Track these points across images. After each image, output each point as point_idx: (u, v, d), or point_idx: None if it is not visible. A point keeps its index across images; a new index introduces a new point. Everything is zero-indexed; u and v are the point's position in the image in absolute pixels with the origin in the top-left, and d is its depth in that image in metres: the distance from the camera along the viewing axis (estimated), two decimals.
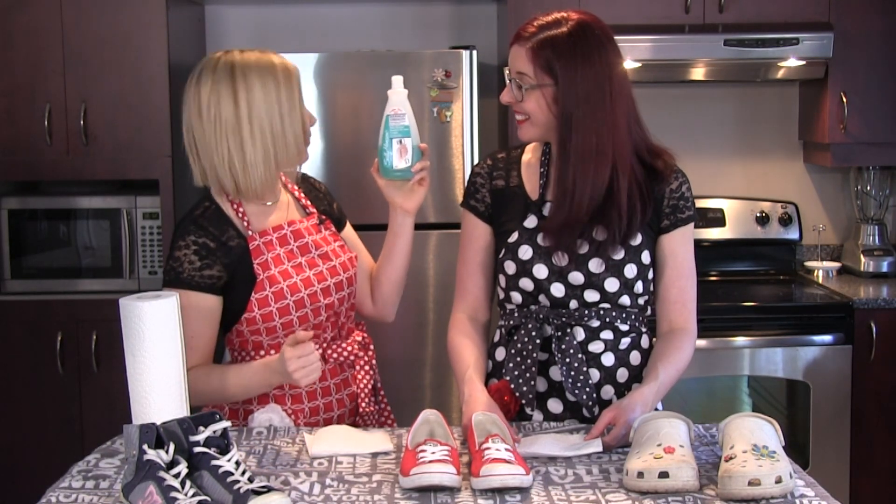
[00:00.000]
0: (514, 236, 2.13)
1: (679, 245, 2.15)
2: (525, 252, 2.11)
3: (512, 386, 2.11)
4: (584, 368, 2.09)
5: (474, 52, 3.61)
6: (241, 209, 2.16)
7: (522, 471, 1.71)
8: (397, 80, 2.13)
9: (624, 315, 2.13)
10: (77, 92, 3.59)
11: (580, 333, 2.12)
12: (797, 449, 3.57)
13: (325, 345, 2.21)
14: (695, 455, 1.79)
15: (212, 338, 2.14)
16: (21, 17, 3.57)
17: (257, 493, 1.56)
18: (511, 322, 2.18)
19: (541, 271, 2.10)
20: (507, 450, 1.75)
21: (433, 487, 1.70)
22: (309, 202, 2.28)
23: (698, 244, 4.05)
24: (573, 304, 2.11)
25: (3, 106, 3.60)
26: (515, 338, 2.14)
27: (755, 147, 4.20)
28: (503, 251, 2.14)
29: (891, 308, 3.54)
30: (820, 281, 3.91)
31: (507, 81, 2.11)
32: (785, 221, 4.05)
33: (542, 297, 2.12)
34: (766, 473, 1.63)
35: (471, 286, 2.22)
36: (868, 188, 4.05)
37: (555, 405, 2.14)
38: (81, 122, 3.59)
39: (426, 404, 3.07)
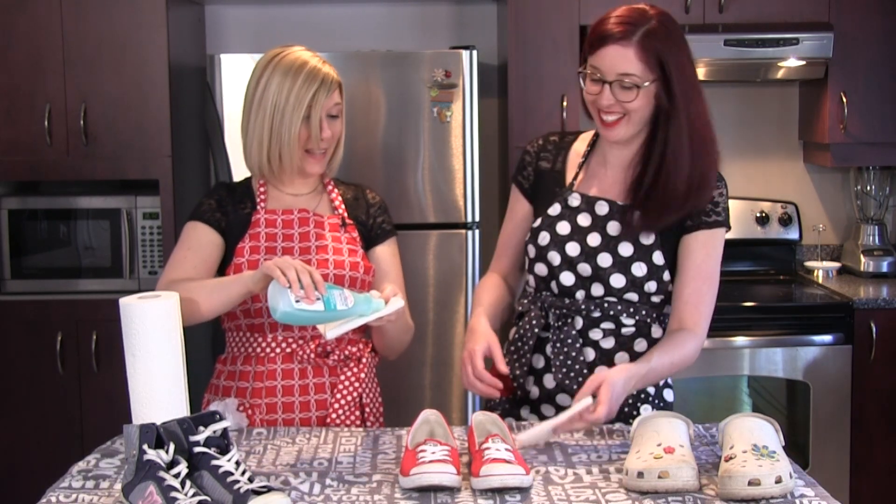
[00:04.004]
0: (538, 221, 2.19)
1: (700, 247, 2.12)
2: (543, 238, 2.17)
3: (507, 368, 2.15)
4: (578, 347, 2.13)
5: (474, 52, 3.61)
6: (263, 188, 2.29)
7: (522, 471, 1.71)
8: (397, 302, 2.03)
9: (632, 310, 2.14)
10: (77, 92, 3.59)
11: (579, 322, 2.15)
12: (797, 449, 3.57)
13: (300, 342, 2.21)
14: (695, 455, 1.79)
15: (210, 268, 2.22)
16: (21, 17, 3.57)
17: (257, 493, 1.56)
18: (520, 308, 2.25)
19: (554, 258, 2.15)
20: (507, 450, 1.75)
21: (433, 487, 1.70)
22: (343, 206, 2.31)
23: None
24: (580, 294, 2.15)
25: (3, 106, 3.60)
26: (520, 323, 2.21)
27: (755, 147, 4.19)
28: (529, 235, 2.21)
29: (891, 308, 3.54)
30: (820, 281, 3.91)
31: (602, 83, 2.04)
32: (785, 221, 4.05)
33: (553, 284, 2.17)
34: (766, 473, 1.63)
35: (504, 255, 2.33)
36: (868, 188, 4.05)
37: (550, 381, 2.18)
38: (81, 122, 3.59)
39: (426, 404, 3.07)
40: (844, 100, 3.75)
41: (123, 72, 3.59)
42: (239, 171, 3.49)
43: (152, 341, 1.79)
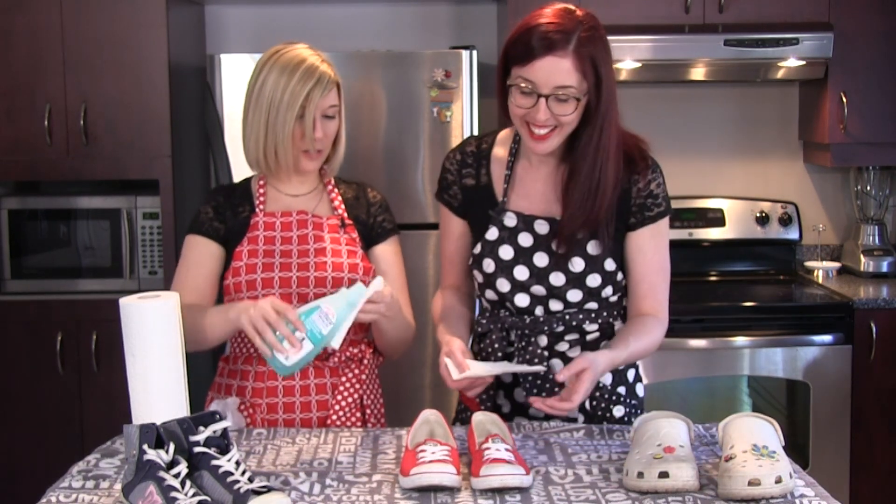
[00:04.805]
0: (479, 248, 2.12)
1: (647, 241, 2.09)
2: (488, 265, 2.10)
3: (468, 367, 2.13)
4: (541, 375, 2.09)
5: (474, 52, 3.61)
6: (262, 189, 2.28)
7: (522, 471, 1.71)
8: (358, 290, 1.97)
9: (593, 315, 2.12)
10: (77, 92, 3.59)
11: (543, 340, 2.11)
12: (797, 449, 3.57)
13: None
14: (695, 455, 1.80)
15: (210, 284, 2.23)
16: (21, 17, 3.57)
17: (257, 493, 1.56)
18: (479, 329, 2.18)
19: (504, 285, 2.09)
20: (507, 450, 1.75)
21: (433, 487, 1.70)
22: (344, 206, 2.30)
23: (698, 244, 4.09)
24: (539, 310, 2.10)
25: (3, 106, 3.60)
26: (482, 345, 2.16)
27: (755, 147, 4.20)
28: (471, 260, 2.14)
29: (891, 308, 3.54)
30: (820, 281, 3.91)
31: (536, 97, 1.93)
32: (785, 221, 4.05)
33: (508, 304, 2.12)
34: (766, 473, 1.63)
35: (451, 270, 2.24)
36: (868, 188, 4.05)
37: (521, 394, 2.15)
38: (81, 122, 3.59)
39: (426, 404, 3.07)
40: (844, 100, 3.75)
41: (123, 72, 3.59)
42: (239, 172, 3.49)
43: (152, 341, 1.79)
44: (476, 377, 1.96)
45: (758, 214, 4.05)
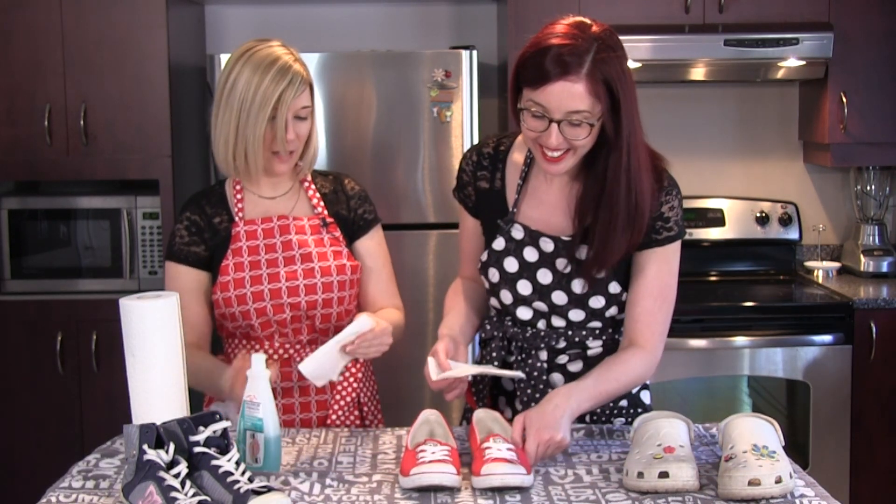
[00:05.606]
0: (486, 256, 2.09)
1: (650, 264, 2.00)
2: (493, 275, 2.08)
3: (472, 390, 2.14)
4: (545, 380, 2.07)
5: (474, 52, 3.61)
6: (239, 195, 2.22)
7: (523, 470, 1.71)
8: (257, 360, 1.86)
9: (597, 332, 2.09)
10: (77, 92, 3.59)
11: (543, 355, 2.09)
12: (797, 449, 3.57)
13: (297, 347, 2.20)
14: (695, 455, 1.80)
15: (203, 313, 2.19)
16: (21, 16, 3.57)
17: (257, 493, 1.56)
18: (483, 334, 2.17)
19: (506, 297, 2.08)
20: (508, 449, 1.75)
21: (433, 487, 1.70)
22: (323, 202, 2.26)
23: (698, 244, 4.09)
24: (541, 324, 2.08)
25: (3, 106, 3.60)
26: (483, 352, 2.16)
27: (755, 147, 4.20)
28: (479, 265, 2.12)
29: (891, 308, 3.54)
30: (820, 281, 3.91)
31: (548, 121, 1.87)
32: (785, 221, 4.05)
33: (511, 315, 2.11)
34: (766, 473, 1.64)
35: (468, 262, 2.22)
36: (868, 188, 4.05)
37: (522, 400, 2.13)
38: (81, 122, 3.59)
39: (426, 404, 3.06)
40: (844, 100, 3.75)
41: (123, 72, 3.59)
42: None
43: (152, 341, 1.79)
44: (454, 378, 1.95)
45: (758, 214, 4.05)
